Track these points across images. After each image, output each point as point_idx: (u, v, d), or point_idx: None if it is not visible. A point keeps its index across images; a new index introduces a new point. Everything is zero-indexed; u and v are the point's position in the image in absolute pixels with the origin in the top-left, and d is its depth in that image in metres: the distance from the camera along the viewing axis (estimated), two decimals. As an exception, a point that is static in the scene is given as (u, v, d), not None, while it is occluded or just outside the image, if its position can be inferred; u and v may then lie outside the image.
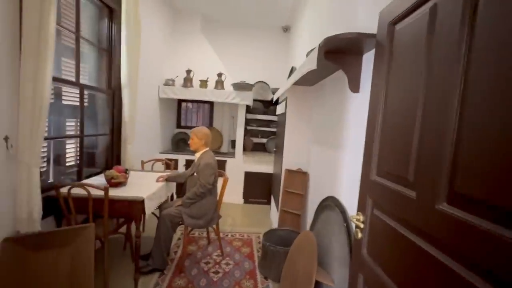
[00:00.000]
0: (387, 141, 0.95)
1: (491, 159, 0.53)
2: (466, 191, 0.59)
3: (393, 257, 0.85)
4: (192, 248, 2.50)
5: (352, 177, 1.47)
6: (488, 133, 0.54)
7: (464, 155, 0.60)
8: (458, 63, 0.63)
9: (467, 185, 0.59)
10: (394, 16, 0.94)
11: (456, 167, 0.62)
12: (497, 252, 0.50)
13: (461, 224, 0.58)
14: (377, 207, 0.98)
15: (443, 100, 0.68)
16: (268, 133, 4.41)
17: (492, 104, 0.54)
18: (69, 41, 2.04)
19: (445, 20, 0.69)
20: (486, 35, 0.57)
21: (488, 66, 0.56)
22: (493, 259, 0.51)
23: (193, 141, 2.24)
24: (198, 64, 4.04)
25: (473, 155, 0.58)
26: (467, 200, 0.59)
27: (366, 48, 1.35)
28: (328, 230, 1.70)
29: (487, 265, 0.52)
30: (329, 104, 2.06)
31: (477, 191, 0.56)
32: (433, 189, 0.68)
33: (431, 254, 0.67)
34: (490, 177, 0.53)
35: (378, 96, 1.03)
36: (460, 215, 0.59)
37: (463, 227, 0.58)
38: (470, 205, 0.58)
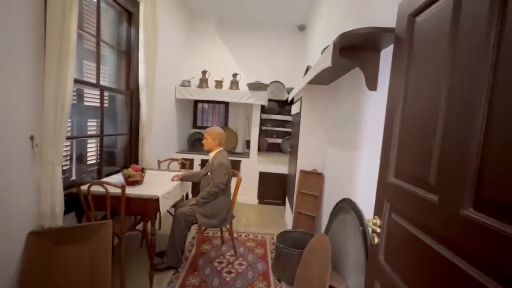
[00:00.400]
0: (406, 142, 0.89)
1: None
2: (496, 196, 0.53)
3: (412, 265, 0.79)
4: (206, 247, 2.52)
5: (369, 179, 1.41)
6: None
7: (493, 157, 0.55)
8: (486, 57, 0.58)
9: (497, 189, 0.53)
10: (414, 8, 0.88)
11: (484, 169, 0.57)
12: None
13: (490, 232, 0.53)
14: (395, 211, 0.92)
15: (469, 97, 0.62)
16: (283, 133, 4.37)
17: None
18: (91, 44, 2.13)
19: (472, 9, 0.64)
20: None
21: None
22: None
23: (207, 141, 2.26)
24: (214, 64, 4.09)
25: (504, 156, 0.52)
26: (497, 206, 0.53)
27: (384, 43, 1.29)
28: (344, 233, 1.64)
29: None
30: (345, 103, 1.99)
31: (509, 196, 0.50)
32: (457, 193, 0.63)
33: (455, 263, 0.61)
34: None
35: (396, 93, 0.98)
36: (489, 222, 0.54)
37: (492, 235, 0.52)
38: (501, 212, 0.52)
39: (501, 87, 0.54)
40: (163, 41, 3.13)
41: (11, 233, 1.41)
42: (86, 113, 2.19)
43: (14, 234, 1.43)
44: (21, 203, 1.46)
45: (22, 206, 1.46)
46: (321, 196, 2.49)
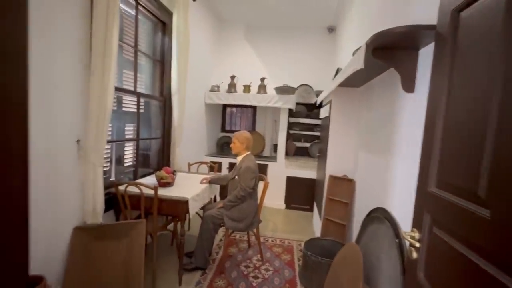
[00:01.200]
0: (450, 148, 0.81)
1: None
2: None
3: (458, 286, 0.71)
4: (232, 250, 2.54)
5: (406, 187, 1.30)
6: None
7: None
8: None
9: None
10: (459, 2, 0.80)
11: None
12: None
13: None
14: (437, 225, 0.84)
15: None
16: (312, 137, 4.27)
17: None
18: (129, 54, 2.29)
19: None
20: None
21: None
22: None
23: (235, 145, 2.29)
24: (242, 69, 4.16)
25: None
26: None
27: (423, 42, 1.19)
28: (377, 244, 1.54)
29: None
30: (378, 106, 1.89)
31: None
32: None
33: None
34: None
35: (438, 95, 0.90)
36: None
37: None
38: None
39: None
40: (194, 48, 3.26)
41: (59, 227, 1.56)
42: (124, 118, 2.35)
43: (61, 228, 1.58)
44: (68, 200, 1.60)
45: (68, 203, 1.61)
46: (352, 203, 2.38)
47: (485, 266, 0.62)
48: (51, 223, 1.49)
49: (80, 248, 1.67)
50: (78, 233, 1.67)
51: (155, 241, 1.95)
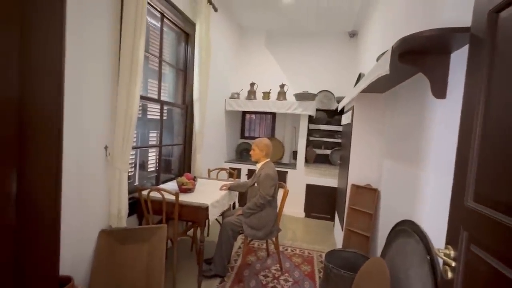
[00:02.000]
0: (490, 159, 0.74)
1: None
2: None
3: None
4: (251, 259, 2.51)
5: (437, 200, 1.22)
6: None
7: None
8: None
9: None
10: (498, 2, 0.75)
11: None
12: None
13: None
14: (476, 243, 0.77)
15: None
16: (332, 144, 4.17)
17: None
18: (154, 64, 2.40)
19: None
20: None
21: None
22: None
23: (255, 152, 2.29)
24: (261, 76, 4.19)
25: None
26: None
27: (455, 45, 1.12)
28: (404, 260, 1.45)
29: None
30: (405, 113, 1.80)
31: None
32: None
33: None
34: None
35: (475, 101, 0.83)
36: None
37: None
38: None
39: None
40: (215, 56, 3.34)
41: (87, 230, 1.63)
42: (148, 125, 2.44)
43: (89, 231, 1.65)
44: (95, 204, 1.68)
45: (96, 207, 1.68)
46: (376, 214, 2.26)
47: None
48: (79, 225, 1.56)
49: (106, 251, 1.74)
50: (104, 236, 1.73)
51: (175, 246, 1.97)
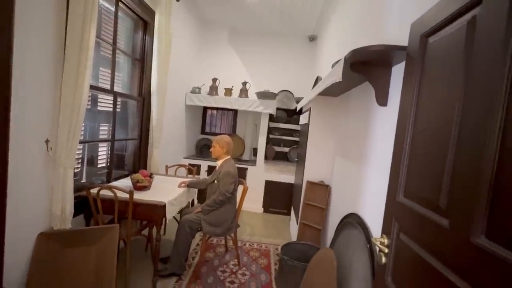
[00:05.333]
0: (417, 160, 0.88)
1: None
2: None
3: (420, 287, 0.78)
4: (209, 255, 2.52)
5: (377, 195, 1.39)
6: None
7: (509, 181, 0.54)
8: (502, 77, 0.57)
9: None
10: (427, 29, 0.88)
11: (498, 195, 0.56)
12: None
13: (504, 265, 0.51)
14: (404, 232, 0.90)
15: (483, 119, 0.61)
16: (291, 142, 4.36)
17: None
18: (107, 52, 2.20)
19: (486, 34, 0.63)
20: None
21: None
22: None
23: (215, 149, 2.28)
24: (224, 72, 4.16)
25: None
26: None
27: (396, 60, 1.28)
28: (349, 249, 1.62)
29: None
30: (354, 116, 1.99)
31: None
32: (469, 219, 0.61)
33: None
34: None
35: (407, 111, 0.97)
36: (503, 254, 0.52)
37: (506, 268, 0.51)
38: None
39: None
40: (176, 48, 3.21)
41: (22, 233, 1.45)
42: (99, 118, 2.25)
43: (25, 234, 1.47)
44: (34, 204, 1.50)
45: (34, 207, 1.50)
46: (327, 208, 2.46)
47: (443, 270, 0.68)
48: (11, 229, 1.37)
49: (46, 256, 1.56)
50: (43, 239, 1.56)
51: (128, 247, 1.88)
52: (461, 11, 0.73)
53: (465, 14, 0.72)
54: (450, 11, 0.77)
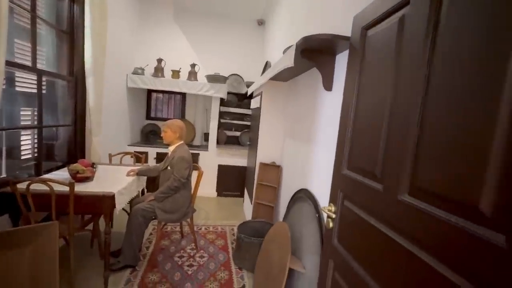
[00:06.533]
0: (358, 138, 1.03)
1: (449, 158, 0.61)
2: (426, 185, 0.67)
3: (361, 244, 0.94)
4: (165, 243, 2.46)
5: (324, 170, 1.56)
6: (446, 134, 0.62)
7: (425, 153, 0.69)
8: (422, 70, 0.71)
9: (427, 179, 0.67)
10: (367, 22, 1.01)
11: (417, 163, 0.71)
12: (456, 239, 0.59)
13: (420, 213, 0.67)
14: (348, 199, 1.06)
15: (407, 103, 0.76)
16: (242, 126, 4.42)
17: (449, 108, 0.62)
18: (24, 20, 1.83)
19: (412, 31, 0.77)
20: (446, 48, 0.65)
21: (445, 75, 0.64)
22: (446, 244, 0.60)
23: (167, 134, 2.18)
24: (170, 53, 3.90)
25: (433, 153, 0.66)
26: (427, 192, 0.67)
27: (340, 49, 1.42)
28: (300, 220, 1.80)
29: (442, 249, 0.61)
30: (302, 100, 2.14)
31: (436, 185, 0.64)
32: (397, 183, 0.77)
33: (395, 240, 0.76)
34: (445, 175, 0.62)
35: (350, 95, 1.11)
36: (420, 206, 0.68)
37: (422, 216, 0.67)
38: (430, 197, 0.66)
39: (431, 96, 0.68)
40: (113, 22, 2.85)
41: None
42: (18, 101, 1.89)
43: None
44: None
45: None
46: (279, 187, 2.64)
47: (378, 225, 0.84)
48: None
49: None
50: (-43, 247, 1.30)
51: (71, 244, 1.70)
52: (394, 9, 0.85)
53: (397, 12, 0.85)
54: (386, 8, 0.89)
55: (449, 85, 0.63)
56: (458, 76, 0.60)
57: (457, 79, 0.61)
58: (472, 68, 0.57)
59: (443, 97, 0.64)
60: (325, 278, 1.19)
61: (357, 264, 0.95)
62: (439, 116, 0.65)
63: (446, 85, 0.64)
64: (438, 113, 0.65)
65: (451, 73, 0.63)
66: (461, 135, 0.58)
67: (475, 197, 0.53)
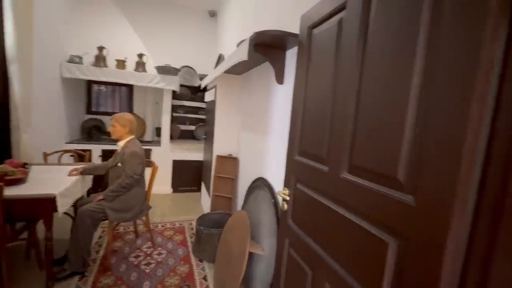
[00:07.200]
0: (307, 127, 1.15)
1: (376, 141, 0.75)
2: (360, 164, 0.81)
3: (312, 219, 1.07)
4: (118, 244, 2.32)
5: (279, 159, 1.67)
6: (373, 121, 0.76)
7: (359, 138, 0.82)
8: (357, 67, 0.84)
9: (361, 159, 0.81)
10: (312, 21, 1.12)
11: (354, 146, 0.84)
12: (380, 204, 0.73)
13: (357, 187, 0.80)
14: (299, 182, 1.18)
15: (346, 96, 0.88)
16: (197, 120, 4.33)
17: (374, 100, 0.76)
18: None
19: (347, 33, 0.89)
20: (374, 48, 0.78)
21: (373, 72, 0.77)
22: (376, 209, 0.74)
23: (115, 129, 2.03)
24: (114, 41, 3.57)
25: (365, 138, 0.79)
26: (361, 169, 0.80)
27: (290, 45, 1.53)
28: (258, 207, 1.90)
29: (373, 214, 0.75)
30: (257, 93, 2.22)
31: (367, 163, 0.78)
32: (339, 163, 0.90)
33: (338, 212, 0.89)
34: (373, 154, 0.75)
35: (299, 88, 1.22)
36: (356, 181, 0.81)
37: (358, 189, 0.80)
38: (363, 173, 0.79)
39: (363, 90, 0.81)
40: (42, 3, 2.48)
41: None
42: None
43: None
44: None
45: None
46: (237, 178, 2.71)
47: (325, 201, 0.97)
48: None
49: None
50: None
51: (3, 258, 1.49)
52: (333, 12, 0.97)
53: (336, 15, 0.97)
54: (327, 11, 1.01)
55: (375, 80, 0.76)
56: (382, 72, 0.74)
57: (381, 75, 0.74)
58: (390, 65, 0.71)
59: (371, 91, 0.78)
60: (281, 256, 1.31)
61: (308, 238, 1.08)
62: (368, 107, 0.78)
63: (373, 79, 0.77)
64: (367, 106, 0.79)
65: (376, 70, 0.76)
66: (383, 123, 0.72)
67: (394, 170, 0.67)
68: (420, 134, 0.61)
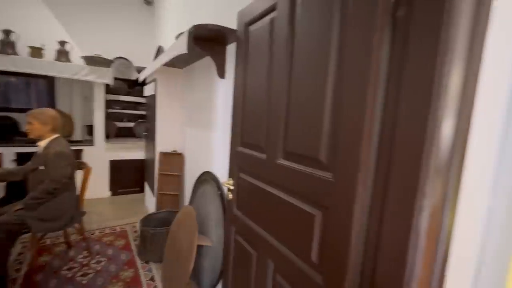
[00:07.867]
0: (248, 119, 1.22)
1: (303, 129, 0.86)
2: (292, 149, 0.91)
3: (254, 205, 1.15)
4: (45, 259, 2.03)
5: (223, 152, 1.71)
6: (300, 111, 0.87)
7: (290, 127, 0.92)
8: (286, 65, 0.93)
9: (292, 145, 0.91)
10: (248, 19, 1.18)
11: (287, 134, 0.94)
12: (308, 183, 0.84)
13: (290, 170, 0.91)
14: (242, 171, 1.25)
15: (279, 90, 0.97)
16: (136, 116, 4.03)
17: (300, 94, 0.87)
18: None
19: (278, 31, 0.98)
20: (299, 46, 0.88)
21: (299, 69, 0.88)
22: (305, 187, 0.85)
23: (33, 127, 1.76)
24: (26, 25, 3.02)
25: (294, 126, 0.90)
26: (293, 154, 0.91)
27: (230, 40, 1.57)
28: (205, 200, 1.91)
29: (303, 192, 0.86)
30: (199, 88, 2.20)
31: (297, 149, 0.89)
32: (275, 151, 0.99)
33: (275, 194, 0.98)
34: (302, 141, 0.86)
35: (240, 82, 1.28)
36: (290, 165, 0.91)
37: (291, 172, 0.90)
38: (295, 158, 0.90)
39: (293, 84, 0.91)
40: None
41: None
42: None
43: None
44: None
45: None
46: (182, 174, 2.65)
47: (265, 186, 1.06)
48: None
49: None
50: None
51: None
52: (266, 12, 1.05)
53: (269, 14, 1.05)
54: (261, 9, 1.08)
55: (301, 76, 0.87)
56: (305, 69, 0.85)
57: (305, 71, 0.85)
58: (312, 64, 0.82)
59: (298, 85, 0.88)
60: (229, 244, 1.36)
61: (252, 222, 1.16)
62: (297, 100, 0.89)
63: (300, 75, 0.88)
64: (296, 99, 0.89)
65: (301, 67, 0.87)
66: (308, 112, 0.83)
67: (317, 152, 0.79)
68: (335, 122, 0.74)
